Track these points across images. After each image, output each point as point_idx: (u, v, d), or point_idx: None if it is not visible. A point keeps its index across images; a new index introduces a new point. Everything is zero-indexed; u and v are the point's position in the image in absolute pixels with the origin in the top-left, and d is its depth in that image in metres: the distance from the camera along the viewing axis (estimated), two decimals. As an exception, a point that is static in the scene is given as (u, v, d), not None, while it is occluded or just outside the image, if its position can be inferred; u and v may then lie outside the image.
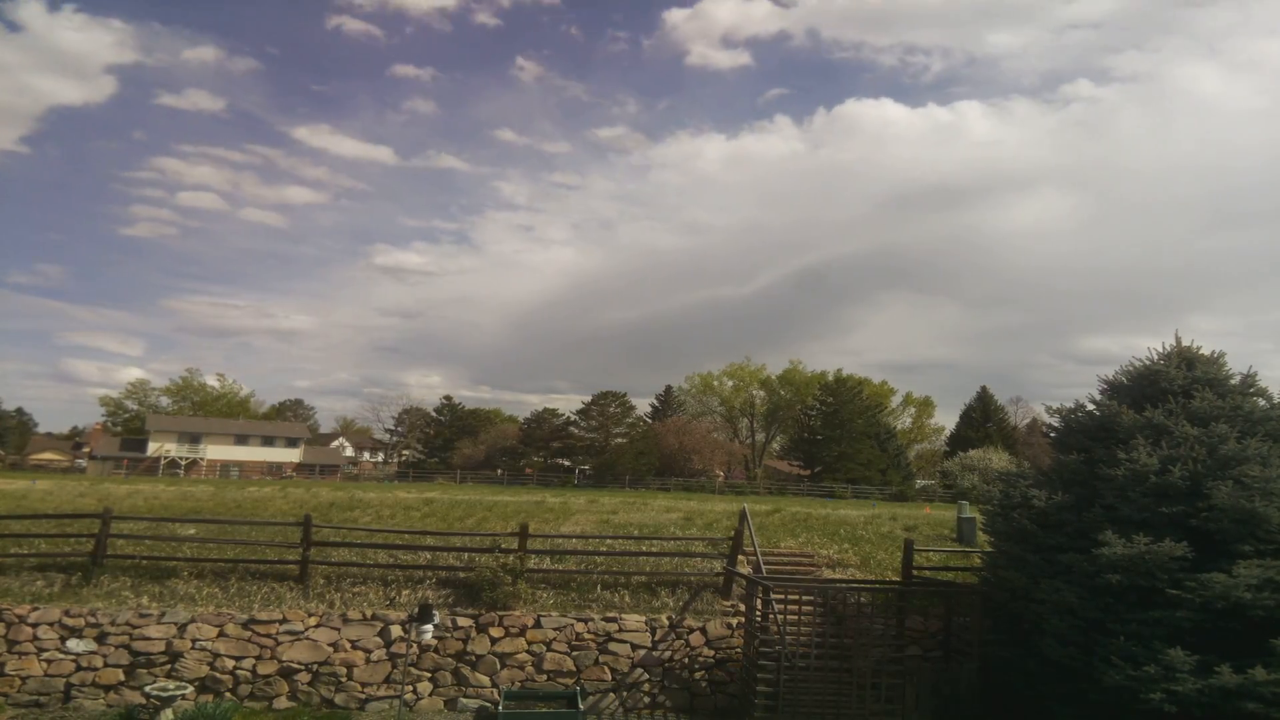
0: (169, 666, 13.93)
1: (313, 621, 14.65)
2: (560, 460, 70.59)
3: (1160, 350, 13.21)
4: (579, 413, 70.98)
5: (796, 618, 13.40)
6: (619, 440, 67.23)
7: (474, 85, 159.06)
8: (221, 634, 14.31)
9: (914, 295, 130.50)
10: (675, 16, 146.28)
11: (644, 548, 17.54)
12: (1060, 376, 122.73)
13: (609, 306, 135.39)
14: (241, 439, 72.72)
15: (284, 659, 14.23)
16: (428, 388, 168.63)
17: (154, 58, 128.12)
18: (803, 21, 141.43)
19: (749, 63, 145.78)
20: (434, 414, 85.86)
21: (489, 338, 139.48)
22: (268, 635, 14.40)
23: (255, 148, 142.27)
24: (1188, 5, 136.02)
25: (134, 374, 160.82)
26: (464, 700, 14.36)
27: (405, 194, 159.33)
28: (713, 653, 14.99)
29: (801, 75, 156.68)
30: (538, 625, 14.97)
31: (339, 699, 14.10)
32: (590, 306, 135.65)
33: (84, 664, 13.85)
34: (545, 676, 14.63)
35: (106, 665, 13.89)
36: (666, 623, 15.21)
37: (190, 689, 13.52)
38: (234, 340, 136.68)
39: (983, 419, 67.56)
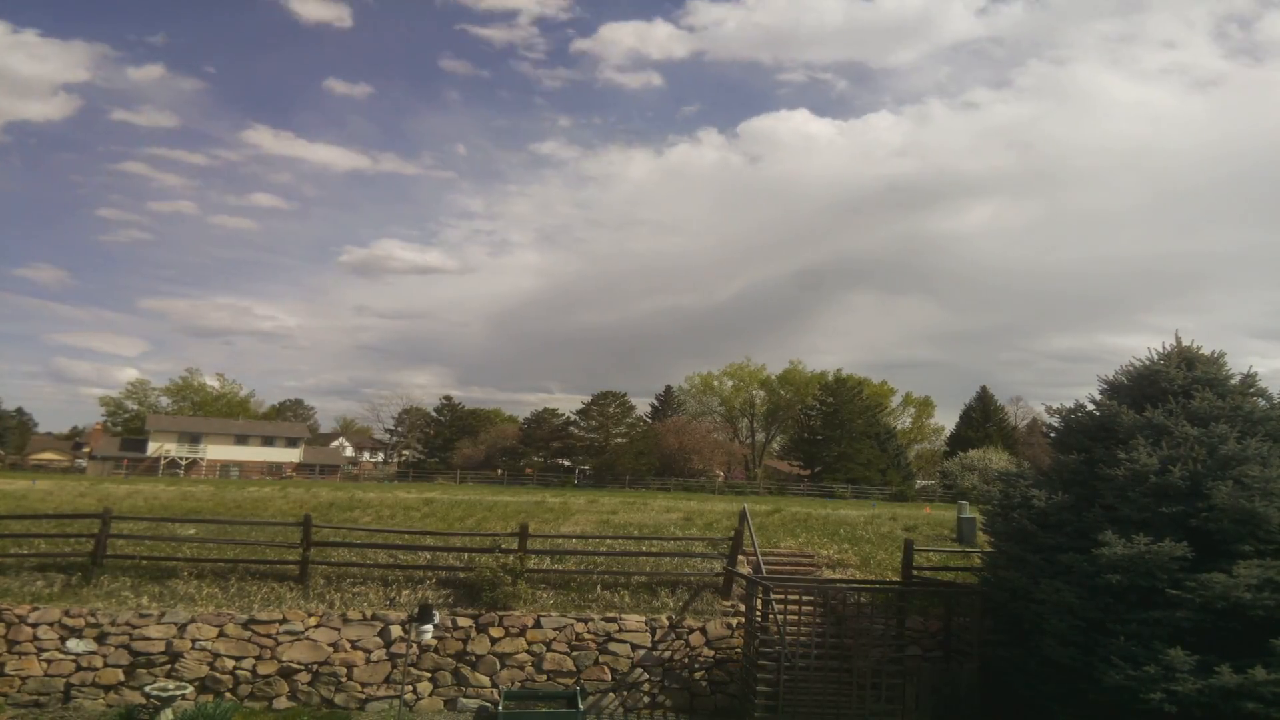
0: (169, 666, 13.94)
1: (313, 621, 14.65)
2: (560, 460, 70.63)
3: (1160, 350, 13.21)
4: (579, 413, 71.02)
5: (796, 618, 13.40)
6: (619, 440, 67.26)
7: (410, 103, 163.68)
8: (221, 634, 14.31)
9: (881, 296, 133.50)
10: (580, 44, 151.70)
11: (644, 548, 17.54)
12: (1033, 375, 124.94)
13: (582, 310, 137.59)
14: (241, 439, 72.71)
15: (284, 659, 14.23)
16: (418, 387, 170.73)
17: (102, 77, 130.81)
18: (705, 44, 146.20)
19: (660, 83, 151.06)
20: (434, 414, 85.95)
21: (473, 339, 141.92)
22: (268, 635, 14.40)
23: (219, 153, 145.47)
24: (1072, 21, 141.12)
25: (122, 374, 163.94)
26: (464, 700, 14.36)
27: (365, 202, 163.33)
28: (713, 653, 14.99)
29: (715, 93, 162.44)
30: (538, 625, 14.97)
31: (339, 699, 14.11)
32: (562, 309, 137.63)
33: (84, 664, 13.85)
34: (545, 676, 14.63)
35: (106, 665, 13.89)
36: (666, 623, 15.21)
37: (190, 689, 13.52)
38: (217, 340, 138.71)
39: (983, 419, 67.57)
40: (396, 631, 14.59)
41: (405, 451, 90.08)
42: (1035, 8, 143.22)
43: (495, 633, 14.85)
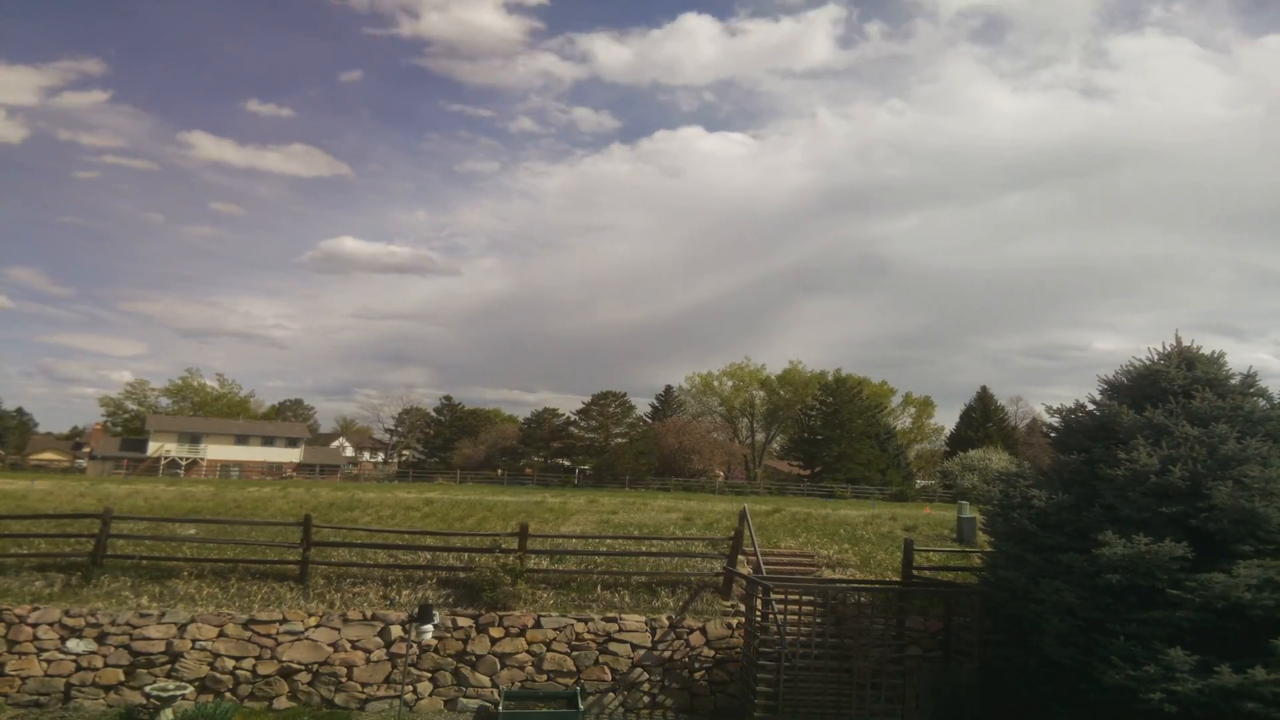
0: (169, 666, 13.93)
1: (313, 621, 14.65)
2: (560, 460, 70.61)
3: (1160, 350, 13.21)
4: (579, 413, 71.00)
5: (796, 618, 13.41)
6: (619, 440, 67.22)
7: (334, 126, 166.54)
8: (221, 634, 14.31)
9: (835, 299, 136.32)
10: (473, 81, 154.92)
11: (644, 548, 17.55)
12: (980, 375, 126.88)
13: (551, 314, 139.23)
14: (241, 439, 72.70)
15: (284, 659, 14.23)
16: (404, 387, 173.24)
17: (48, 102, 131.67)
18: (592, 72, 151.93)
19: (556, 105, 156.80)
20: (434, 414, 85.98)
21: (445, 341, 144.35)
22: (268, 635, 14.40)
23: (173, 164, 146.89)
24: (935, 48, 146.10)
25: (114, 376, 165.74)
26: (464, 700, 14.36)
27: (320, 211, 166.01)
28: (713, 653, 14.99)
29: (609, 114, 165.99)
30: (538, 625, 14.97)
31: (339, 699, 14.10)
32: (530, 313, 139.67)
33: (84, 664, 13.85)
34: (545, 676, 14.63)
35: (106, 665, 13.89)
36: (666, 623, 15.21)
37: (190, 689, 13.52)
38: (197, 340, 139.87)
39: (983, 419, 67.53)
40: (396, 631, 14.60)
41: (405, 451, 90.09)
42: (895, 36, 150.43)
43: (495, 633, 14.85)
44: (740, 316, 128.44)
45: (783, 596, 13.73)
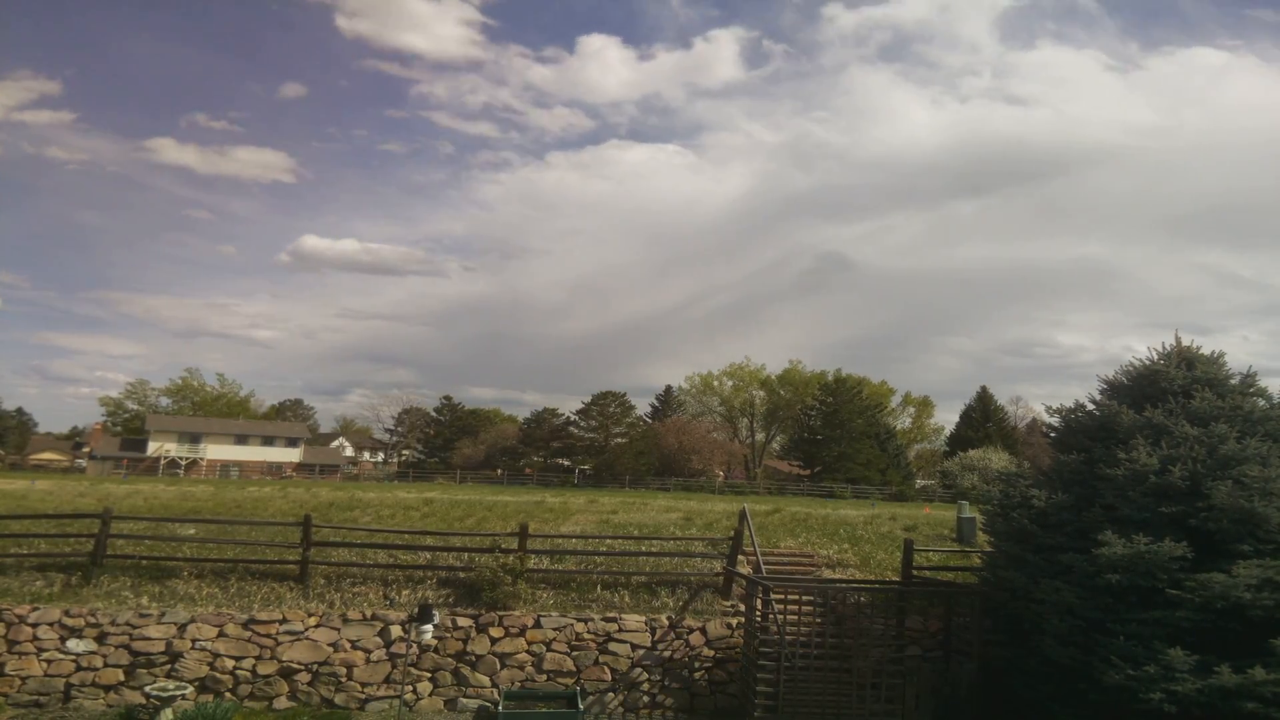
0: (169, 666, 13.93)
1: (313, 621, 14.65)
2: (560, 460, 70.65)
3: (1160, 350, 13.22)
4: (578, 413, 71.10)
5: (796, 618, 13.41)
6: (619, 440, 67.28)
7: (292, 135, 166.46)
8: (221, 634, 14.31)
9: (802, 300, 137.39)
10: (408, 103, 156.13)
11: (644, 548, 17.55)
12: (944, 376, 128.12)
13: (535, 318, 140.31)
14: (241, 439, 72.73)
15: (284, 659, 14.23)
16: (400, 386, 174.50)
17: (5, 114, 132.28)
18: (518, 94, 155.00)
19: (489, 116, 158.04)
20: (434, 414, 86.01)
21: (431, 341, 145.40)
22: (268, 635, 14.40)
23: (141, 178, 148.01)
24: (843, 67, 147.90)
25: (109, 378, 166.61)
26: (464, 700, 14.36)
27: (292, 215, 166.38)
28: (713, 652, 15.00)
29: (541, 131, 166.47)
30: (538, 625, 14.97)
31: (339, 699, 14.11)
32: (513, 317, 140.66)
33: (84, 664, 13.85)
34: (545, 676, 14.64)
35: (106, 665, 13.89)
36: (666, 623, 15.21)
37: (190, 689, 13.52)
38: (183, 341, 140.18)
39: (982, 419, 67.55)
40: (396, 631, 14.60)
41: (405, 451, 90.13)
42: (797, 55, 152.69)
43: (495, 633, 14.86)
44: (710, 319, 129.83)
45: (783, 596, 13.73)
